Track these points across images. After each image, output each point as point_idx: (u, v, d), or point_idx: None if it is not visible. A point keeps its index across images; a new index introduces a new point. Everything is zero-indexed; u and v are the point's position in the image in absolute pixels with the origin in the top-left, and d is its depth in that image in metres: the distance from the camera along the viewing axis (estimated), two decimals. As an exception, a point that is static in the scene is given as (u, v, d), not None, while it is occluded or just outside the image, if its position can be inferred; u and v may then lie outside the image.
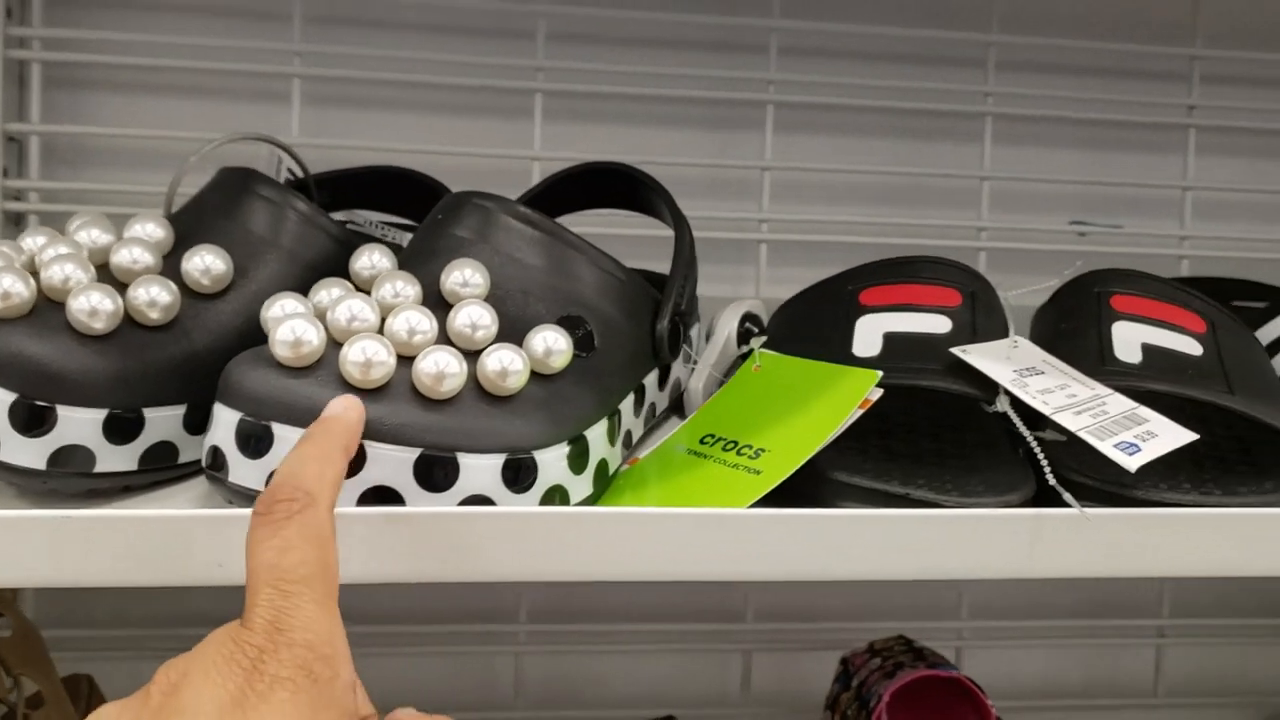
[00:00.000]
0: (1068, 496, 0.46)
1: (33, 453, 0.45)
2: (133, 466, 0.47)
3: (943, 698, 0.74)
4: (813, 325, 0.57)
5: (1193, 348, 0.55)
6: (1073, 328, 0.57)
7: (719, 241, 0.86)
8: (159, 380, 0.47)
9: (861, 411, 0.49)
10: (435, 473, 0.43)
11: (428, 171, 0.68)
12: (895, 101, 0.88)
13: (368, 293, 0.48)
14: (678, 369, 0.60)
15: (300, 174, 0.65)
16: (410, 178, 0.65)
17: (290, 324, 0.43)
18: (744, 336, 0.61)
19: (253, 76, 0.82)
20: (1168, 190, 0.93)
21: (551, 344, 0.47)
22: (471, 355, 0.46)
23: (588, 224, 0.62)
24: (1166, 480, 0.51)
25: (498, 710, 0.89)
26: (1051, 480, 0.47)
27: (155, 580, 0.42)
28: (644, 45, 0.87)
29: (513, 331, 0.48)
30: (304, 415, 0.42)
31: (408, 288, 0.48)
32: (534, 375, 0.47)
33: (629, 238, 0.75)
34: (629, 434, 0.53)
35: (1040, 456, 0.47)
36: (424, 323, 0.45)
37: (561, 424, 0.47)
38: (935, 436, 0.54)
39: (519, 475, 0.45)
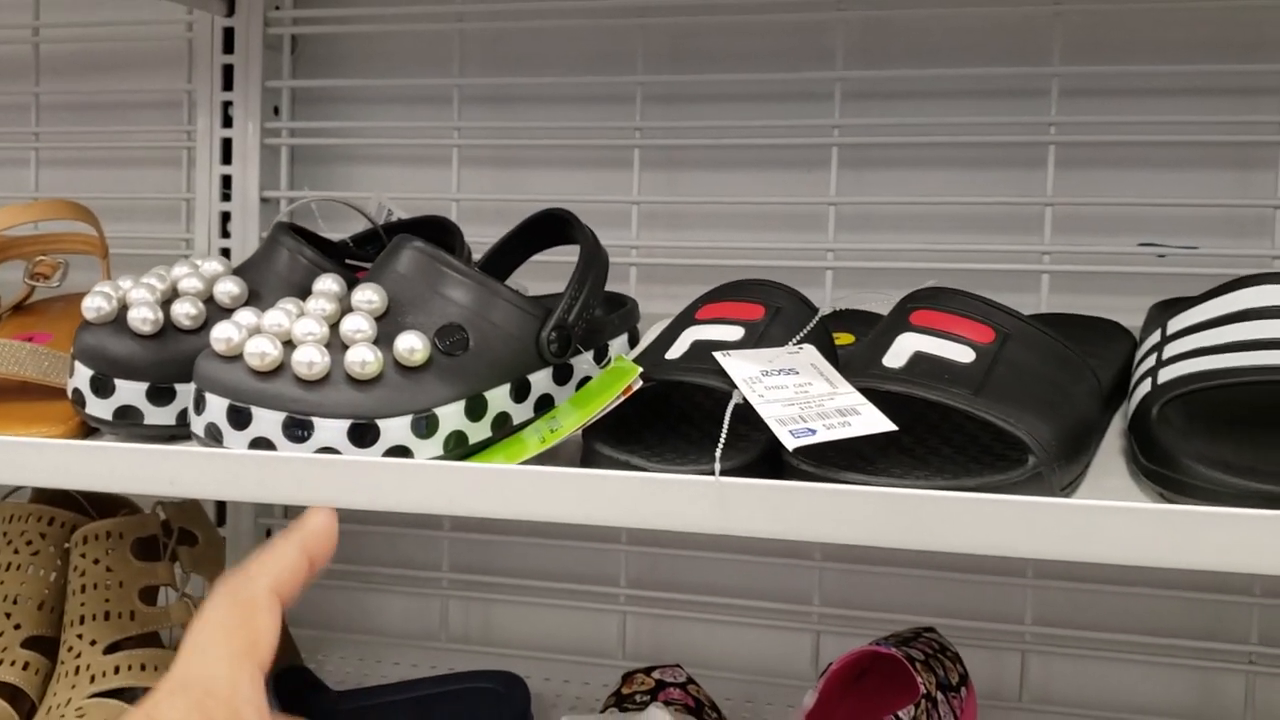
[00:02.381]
0: (717, 466, 0.56)
1: (103, 409, 0.70)
2: (171, 422, 0.71)
3: (893, 677, 0.81)
4: (669, 332, 0.70)
5: (965, 355, 0.62)
6: (874, 337, 0.65)
7: (790, 269, 0.98)
8: (188, 365, 0.70)
9: (625, 397, 0.62)
10: (297, 430, 0.62)
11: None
12: (950, 136, 0.95)
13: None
14: (585, 367, 0.74)
15: (401, 217, 0.87)
16: (437, 223, 0.85)
17: (234, 332, 0.65)
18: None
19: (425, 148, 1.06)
20: (1255, 209, 0.91)
21: (411, 345, 0.65)
22: (345, 349, 0.65)
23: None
24: (882, 465, 0.59)
25: (605, 658, 1.06)
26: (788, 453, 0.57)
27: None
28: (729, 100, 1.01)
29: (392, 335, 0.66)
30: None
31: (326, 305, 0.68)
32: (399, 366, 0.65)
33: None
34: (502, 415, 0.69)
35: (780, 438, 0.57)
36: (313, 327, 0.65)
37: (412, 402, 0.64)
38: (689, 420, 0.66)
39: (364, 435, 0.63)
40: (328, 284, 0.71)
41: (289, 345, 0.64)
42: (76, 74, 1.16)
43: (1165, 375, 0.63)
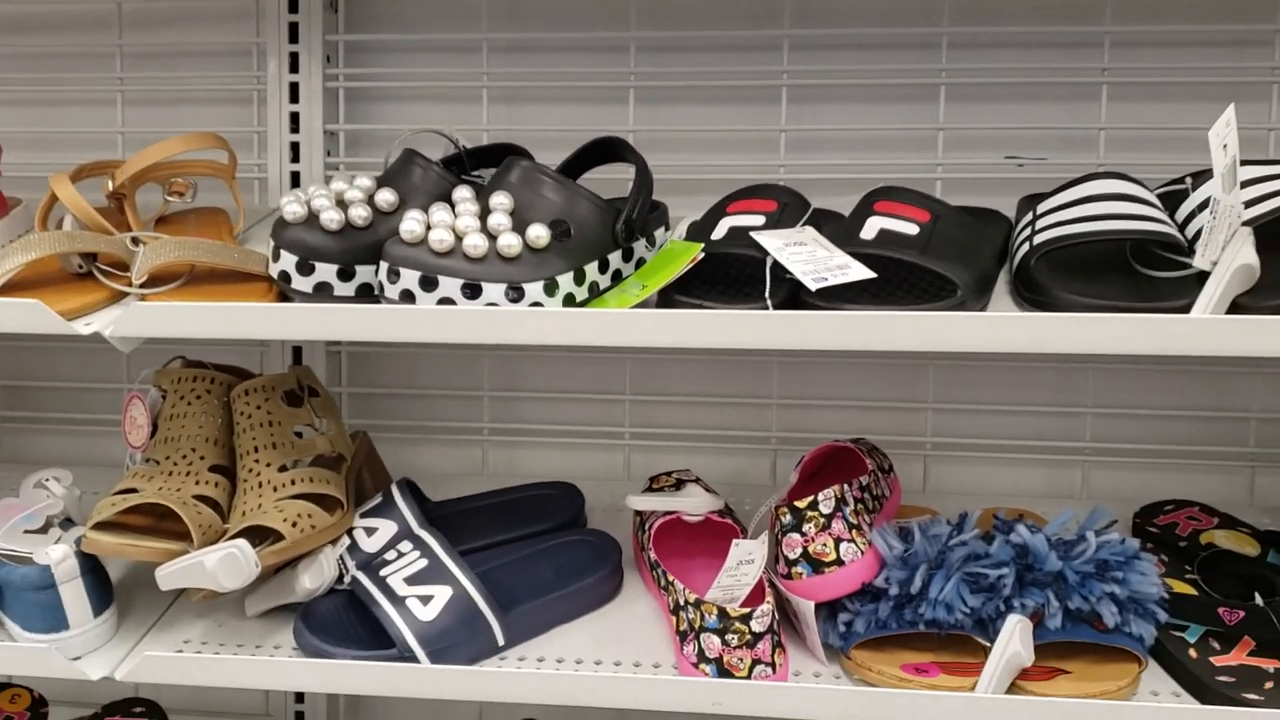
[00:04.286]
0: (769, 301, 0.86)
1: (306, 284, 0.94)
2: (352, 294, 0.96)
3: (843, 467, 1.13)
4: (706, 222, 0.98)
5: (912, 230, 0.92)
6: (850, 220, 0.95)
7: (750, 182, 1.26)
8: (363, 252, 0.95)
9: (692, 264, 0.90)
10: (469, 292, 0.89)
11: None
12: (868, 80, 1.25)
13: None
14: (640, 249, 1.02)
15: (466, 145, 1.12)
16: (513, 148, 1.11)
17: (418, 225, 0.90)
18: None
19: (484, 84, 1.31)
20: (1084, 131, 1.24)
21: (538, 233, 0.92)
22: (494, 238, 0.91)
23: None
24: (864, 302, 0.88)
25: (615, 480, 1.35)
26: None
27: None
28: (703, 50, 1.28)
29: (523, 226, 0.92)
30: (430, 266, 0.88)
31: (470, 206, 0.94)
32: (529, 248, 0.92)
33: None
34: (595, 284, 0.97)
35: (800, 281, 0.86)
36: (471, 222, 0.91)
37: (542, 272, 0.91)
38: (726, 281, 0.94)
39: (515, 295, 0.90)
40: (465, 192, 0.97)
41: (457, 236, 0.91)
42: (151, 29, 1.35)
43: (1039, 239, 0.94)
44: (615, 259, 0.99)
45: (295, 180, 1.32)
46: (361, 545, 1.04)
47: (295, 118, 1.31)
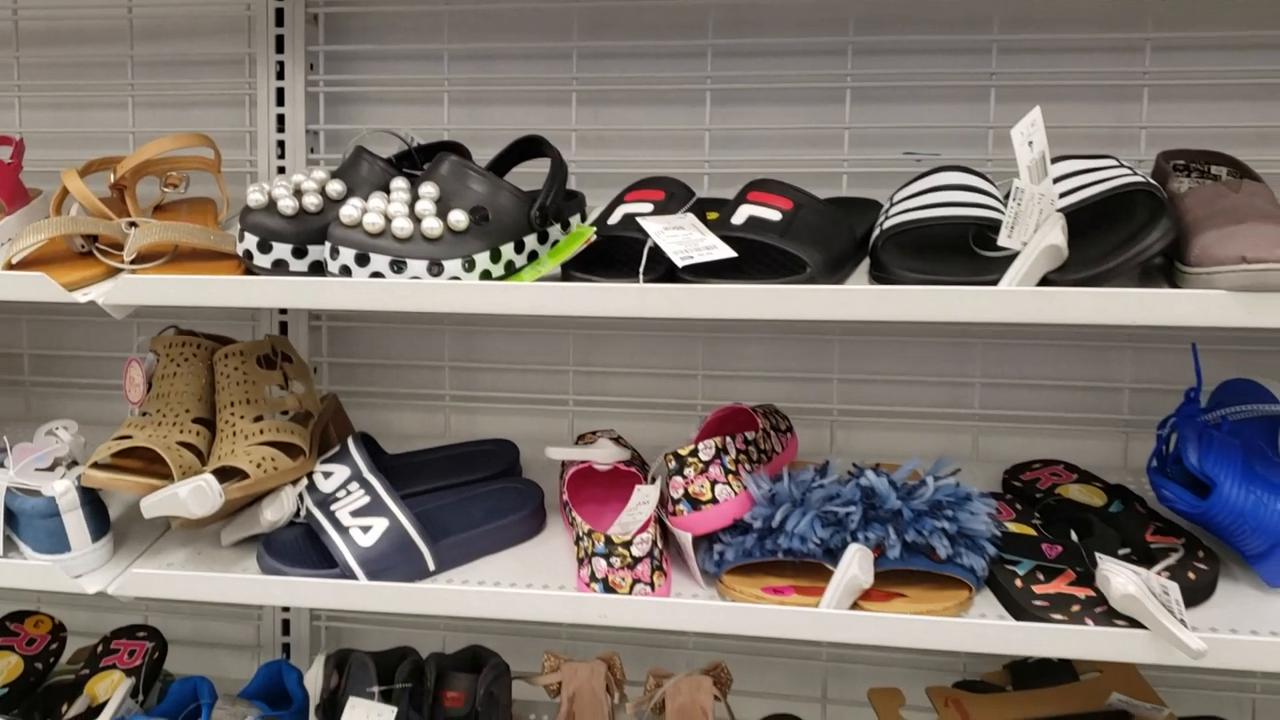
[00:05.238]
0: (642, 277, 1.01)
1: (265, 261, 1.11)
2: (306, 270, 1.13)
3: (744, 426, 1.28)
4: (607, 209, 1.14)
5: (775, 216, 1.07)
6: (727, 208, 1.10)
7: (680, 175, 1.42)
8: (315, 234, 1.12)
9: (585, 246, 1.06)
10: (397, 268, 1.05)
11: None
12: (783, 83, 1.40)
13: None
14: (555, 233, 1.18)
15: (420, 143, 1.29)
16: (455, 146, 1.27)
17: (355, 211, 1.07)
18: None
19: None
20: (977, 129, 1.38)
21: (457, 218, 1.08)
22: (419, 222, 1.07)
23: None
24: (729, 278, 1.04)
25: (561, 443, 1.51)
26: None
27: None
28: (637, 57, 1.44)
29: (445, 212, 1.09)
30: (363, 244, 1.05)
31: (403, 195, 1.10)
32: (450, 230, 1.08)
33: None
34: (510, 262, 1.12)
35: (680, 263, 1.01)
36: (401, 209, 1.07)
37: (460, 251, 1.07)
38: (624, 260, 1.09)
39: (435, 270, 1.06)
40: (400, 183, 1.13)
41: (387, 219, 1.07)
42: (158, 40, 1.54)
43: (887, 224, 1.09)
44: (531, 241, 1.15)
45: (282, 174, 1.49)
46: (319, 486, 1.21)
47: (281, 119, 1.48)
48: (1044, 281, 0.99)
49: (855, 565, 1.04)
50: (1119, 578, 0.97)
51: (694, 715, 1.37)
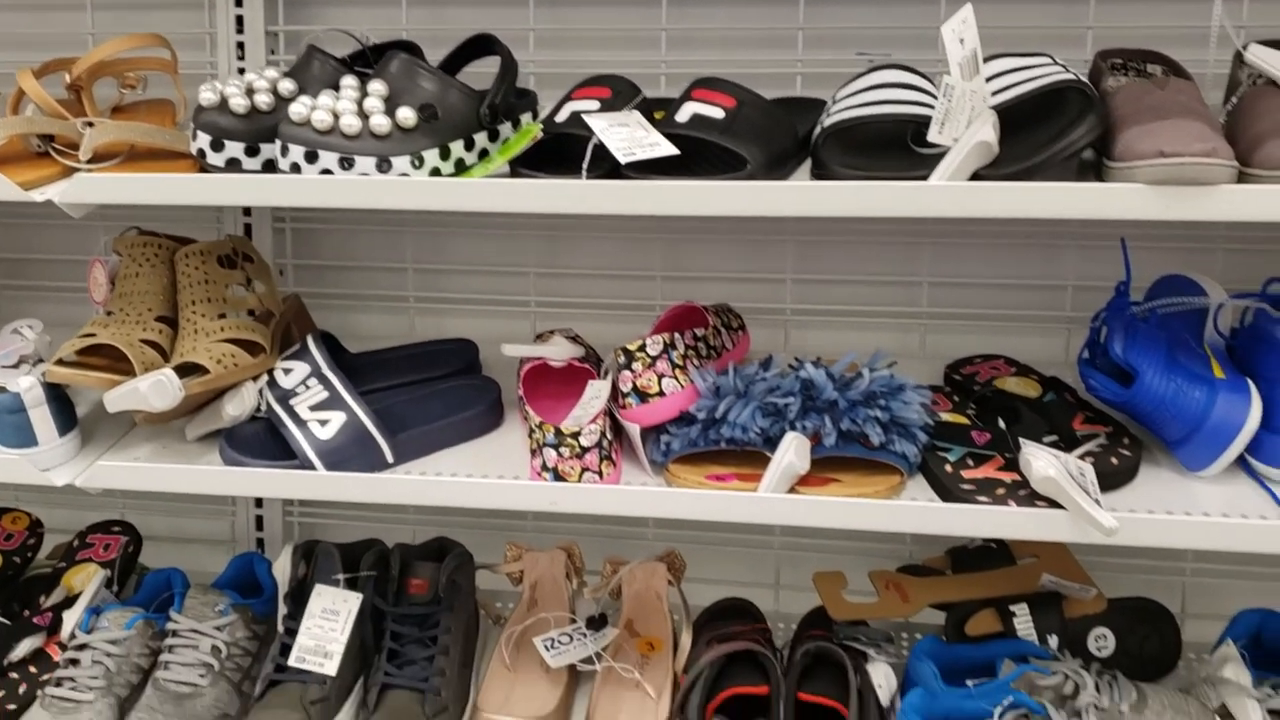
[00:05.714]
0: (585, 173, 1.03)
1: (219, 159, 1.13)
2: (259, 169, 1.15)
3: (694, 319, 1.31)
4: (556, 107, 1.15)
5: (719, 114, 1.09)
6: (673, 106, 1.12)
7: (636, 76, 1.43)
8: (267, 133, 1.14)
9: (533, 143, 1.08)
10: (346, 164, 1.07)
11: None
12: None
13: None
14: (506, 131, 1.20)
15: (375, 41, 1.29)
16: (408, 45, 1.28)
17: (304, 108, 1.08)
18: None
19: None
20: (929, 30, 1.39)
21: (405, 115, 1.10)
22: (368, 119, 1.09)
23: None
24: (674, 175, 1.06)
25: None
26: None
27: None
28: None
29: (394, 110, 1.10)
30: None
31: (352, 93, 1.12)
32: (399, 127, 1.10)
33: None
34: (460, 160, 1.14)
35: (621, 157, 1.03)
36: (350, 106, 1.09)
37: (409, 148, 1.09)
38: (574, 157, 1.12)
39: (383, 167, 1.08)
40: (349, 80, 1.15)
41: (335, 116, 1.09)
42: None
43: (828, 123, 1.11)
44: (481, 139, 1.17)
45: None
46: (279, 382, 1.25)
47: (240, 20, 1.49)
48: (976, 177, 1.02)
49: (792, 452, 1.09)
50: (1040, 461, 1.01)
51: (649, 600, 1.43)
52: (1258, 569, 1.44)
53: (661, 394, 1.15)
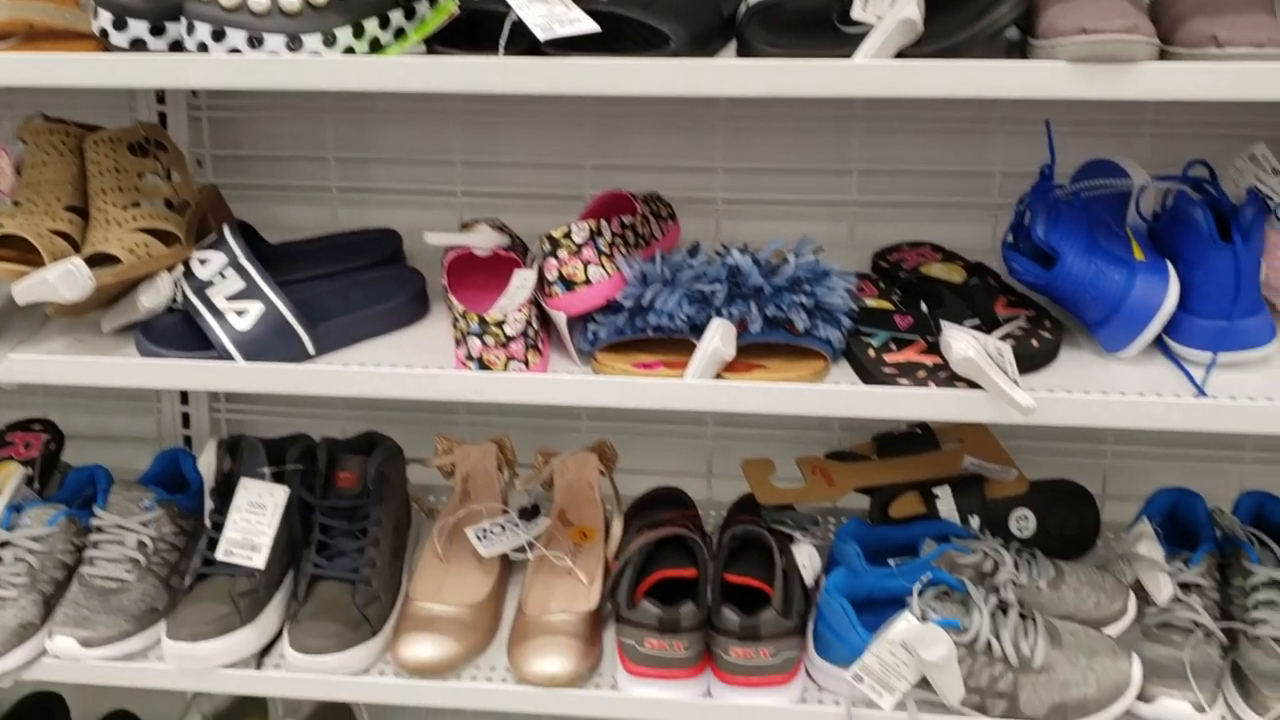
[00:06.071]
0: (501, 49, 1.00)
1: (122, 40, 1.08)
2: (165, 49, 1.10)
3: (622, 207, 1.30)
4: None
5: (645, -9, 1.06)
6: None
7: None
8: (172, 10, 1.09)
9: (448, 20, 1.05)
10: (256, 43, 1.03)
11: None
12: None
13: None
14: (423, 10, 1.16)
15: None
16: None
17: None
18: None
19: None
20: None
21: (317, -8, 1.06)
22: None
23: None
24: (596, 53, 1.03)
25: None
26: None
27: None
28: None
29: (305, -12, 1.06)
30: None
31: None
32: (310, 5, 1.05)
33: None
34: (375, 39, 1.11)
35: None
36: (258, -17, 1.05)
37: (320, 26, 1.05)
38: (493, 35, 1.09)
39: (294, 45, 1.04)
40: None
41: (243, -7, 1.04)
42: None
43: (752, 1, 1.08)
44: (397, 17, 1.13)
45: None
46: (196, 273, 1.22)
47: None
48: (901, 57, 1.00)
49: (718, 338, 1.08)
50: (959, 342, 1.02)
51: (581, 490, 1.43)
52: (1176, 450, 1.48)
53: (588, 282, 1.14)
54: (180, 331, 1.19)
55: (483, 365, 1.12)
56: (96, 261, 1.16)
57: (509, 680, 1.24)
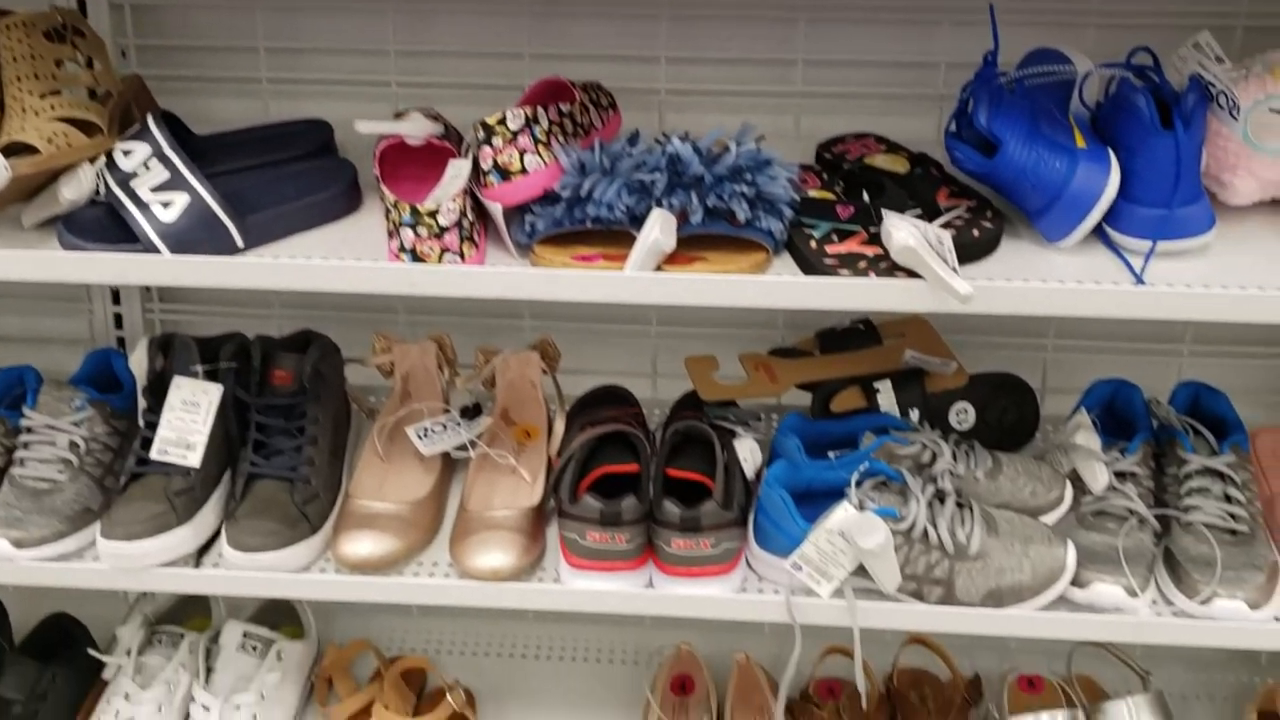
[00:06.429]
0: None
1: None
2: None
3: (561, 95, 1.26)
4: None
5: None
6: None
7: None
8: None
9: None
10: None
11: None
12: None
13: None
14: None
15: None
16: None
17: None
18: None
19: None
20: None
21: None
22: None
23: None
24: None
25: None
26: None
27: None
28: None
29: None
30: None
31: None
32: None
33: None
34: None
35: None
36: None
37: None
38: None
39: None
40: None
41: None
42: None
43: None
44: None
45: None
46: (119, 164, 1.17)
47: None
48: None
49: (658, 229, 1.06)
50: (900, 231, 1.01)
51: (523, 389, 1.42)
52: (1117, 344, 1.49)
53: (524, 171, 1.11)
54: (104, 224, 1.15)
55: (416, 257, 1.10)
56: (13, 151, 1.12)
57: (452, 575, 1.24)
